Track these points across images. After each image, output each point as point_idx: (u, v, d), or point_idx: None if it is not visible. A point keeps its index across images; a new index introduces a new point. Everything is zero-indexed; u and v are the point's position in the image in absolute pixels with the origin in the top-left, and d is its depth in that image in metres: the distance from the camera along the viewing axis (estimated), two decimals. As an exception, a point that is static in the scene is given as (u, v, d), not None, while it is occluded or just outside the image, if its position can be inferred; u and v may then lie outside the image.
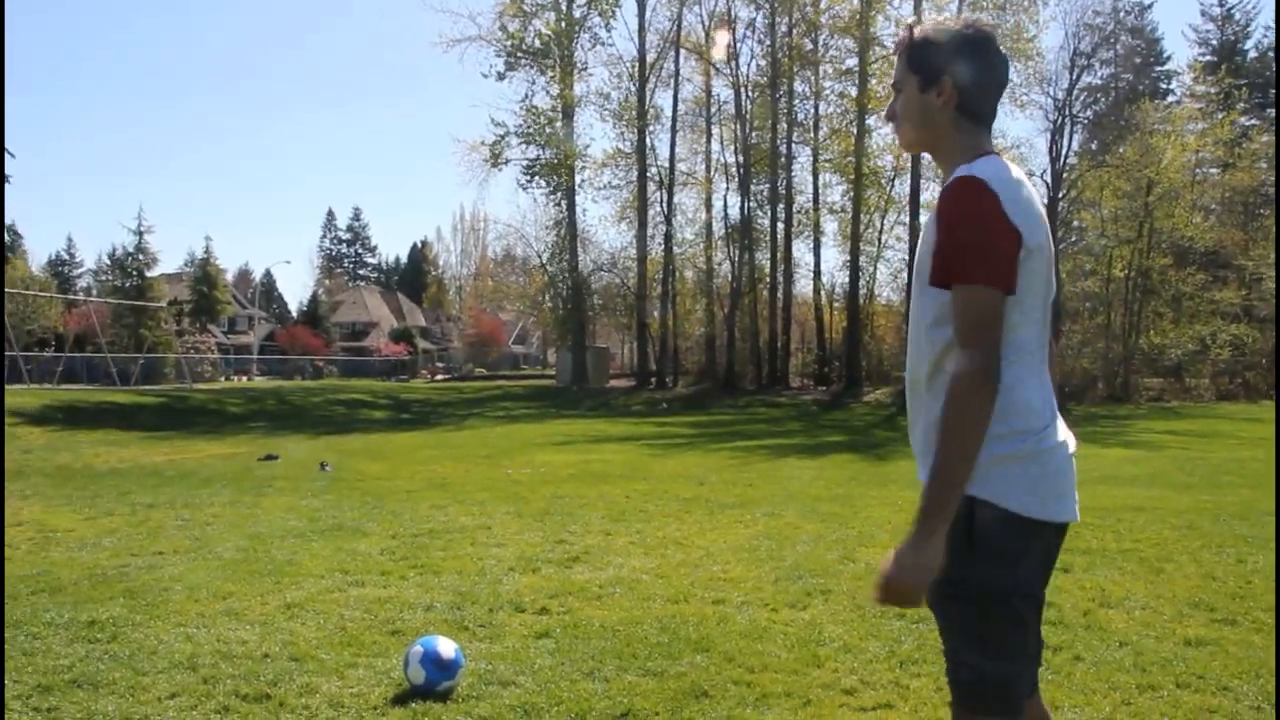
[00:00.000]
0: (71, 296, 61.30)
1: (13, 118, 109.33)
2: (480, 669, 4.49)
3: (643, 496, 10.35)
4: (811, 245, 45.03)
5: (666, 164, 44.17)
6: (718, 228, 45.04)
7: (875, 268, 43.58)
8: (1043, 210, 2.20)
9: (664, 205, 44.35)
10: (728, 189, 44.69)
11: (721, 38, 41.68)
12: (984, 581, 2.13)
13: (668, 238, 44.39)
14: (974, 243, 2.05)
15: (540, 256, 47.55)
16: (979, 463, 2.03)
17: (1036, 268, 2.12)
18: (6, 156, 60.85)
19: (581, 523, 8.56)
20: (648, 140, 43.84)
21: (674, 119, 43.98)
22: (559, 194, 43.60)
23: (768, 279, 44.35)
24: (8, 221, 79.65)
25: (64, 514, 9.39)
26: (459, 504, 9.71)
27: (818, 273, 45.39)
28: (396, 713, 4.01)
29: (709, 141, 45.30)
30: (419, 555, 7.06)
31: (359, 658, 4.68)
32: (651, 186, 43.96)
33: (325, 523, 8.58)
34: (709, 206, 45.25)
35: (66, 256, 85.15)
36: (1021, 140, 54.36)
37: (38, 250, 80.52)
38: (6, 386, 31.51)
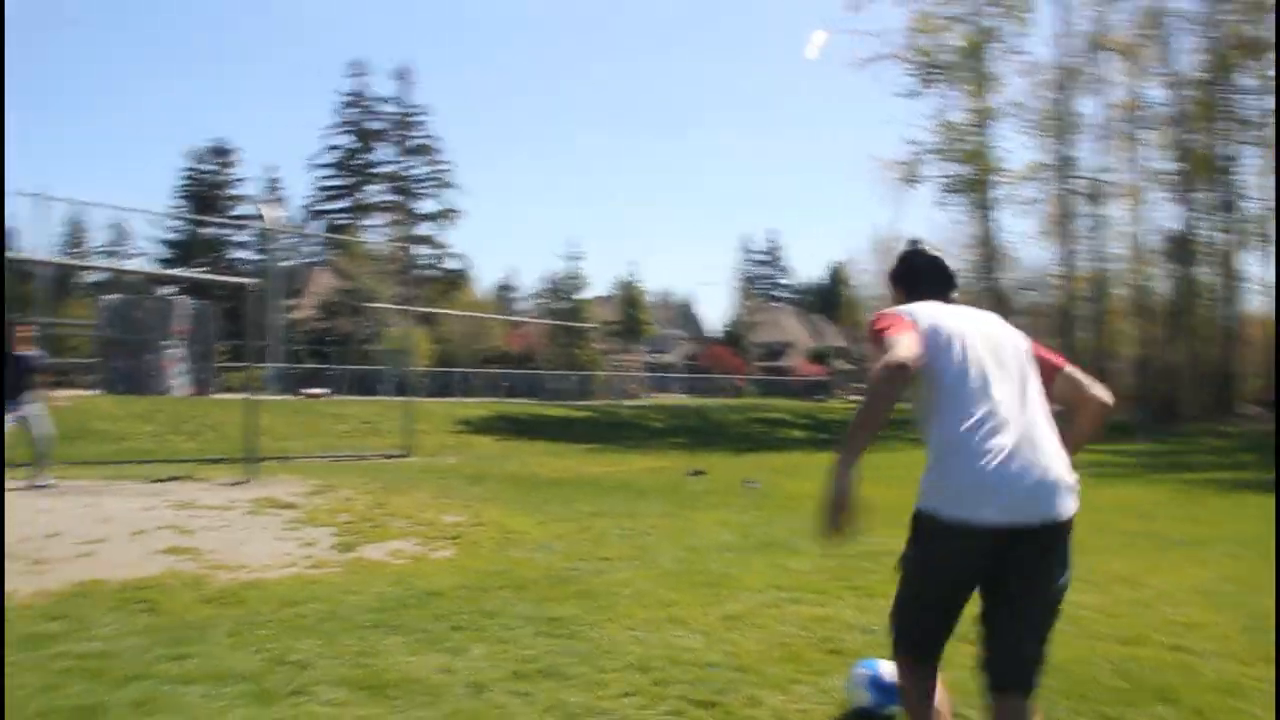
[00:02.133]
0: (513, 318, 66.83)
1: (466, 163, 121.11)
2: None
3: (1081, 528, 9.78)
4: (1262, 257, 40.67)
5: (1092, 174, 41.69)
6: (1151, 241, 41.92)
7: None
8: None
9: (1090, 218, 41.86)
10: (1162, 198, 41.46)
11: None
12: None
13: (1095, 253, 41.87)
14: None
15: (960, 274, 46.29)
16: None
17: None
18: (456, 191, 66.81)
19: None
20: (1070, 150, 41.60)
21: (1098, 126, 41.48)
22: (977, 210, 42.36)
23: (1210, 295, 40.65)
24: (463, 251, 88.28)
25: (519, 517, 10.27)
26: (888, 527, 9.58)
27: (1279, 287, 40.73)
28: (841, 732, 4.06)
29: (1139, 148, 42.28)
30: (854, 576, 7.08)
31: (801, 674, 4.77)
32: (1076, 199, 41.63)
33: (757, 538, 8.82)
34: (1140, 219, 42.21)
35: (510, 282, 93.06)
36: None
37: (486, 277, 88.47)
38: (461, 399, 34.91)
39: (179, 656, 4.84)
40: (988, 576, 3.12)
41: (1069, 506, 3.07)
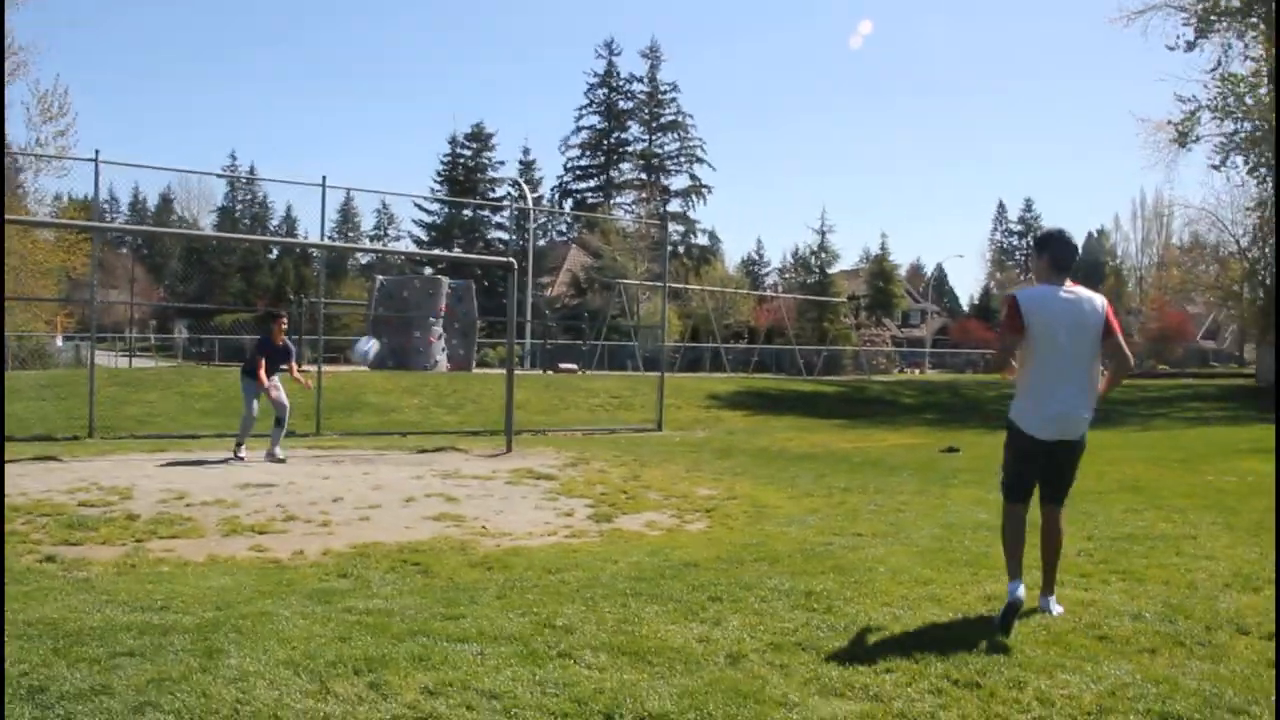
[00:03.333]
0: (762, 293, 66.86)
1: (711, 138, 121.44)
2: (1204, 690, 4.19)
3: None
4: None
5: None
6: None
7: None
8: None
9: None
10: None
11: None
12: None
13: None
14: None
15: (1239, 242, 43.17)
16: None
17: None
18: (705, 166, 67.32)
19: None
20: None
21: None
22: (1262, 171, 39.16)
23: None
24: (709, 226, 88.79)
25: (769, 491, 10.30)
26: (1156, 509, 9.12)
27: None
28: (1110, 719, 3.89)
29: None
30: (1119, 560, 6.74)
31: (1066, 659, 4.59)
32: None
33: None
34: None
35: (757, 257, 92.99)
36: None
37: (733, 251, 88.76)
38: (710, 374, 35.18)
39: (453, 616, 5.12)
40: (1043, 460, 5.44)
41: (1079, 433, 5.42)
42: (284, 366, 12.76)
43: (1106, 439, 19.16)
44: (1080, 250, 5.59)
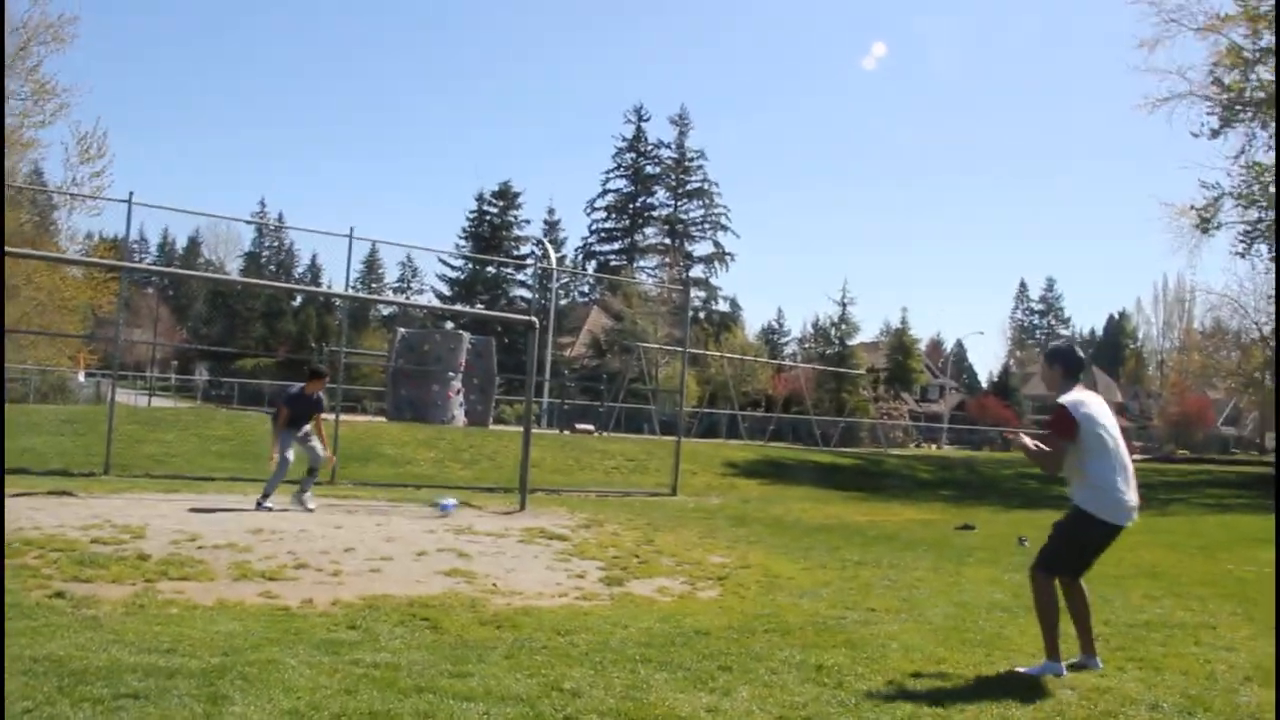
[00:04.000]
0: (781, 362, 66.87)
1: (736, 206, 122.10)
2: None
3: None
4: None
5: None
6: None
7: None
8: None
9: None
10: None
11: None
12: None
13: None
14: None
15: (1260, 329, 43.02)
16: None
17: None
18: (730, 236, 67.65)
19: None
20: None
21: None
22: (1286, 257, 39.05)
23: None
24: (731, 293, 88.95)
25: (783, 561, 10.21)
26: (1174, 596, 8.99)
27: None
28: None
29: None
30: (1136, 647, 6.64)
31: (1084, 748, 4.51)
32: None
33: (1030, 599, 8.39)
34: None
35: (776, 325, 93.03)
36: None
37: (752, 320, 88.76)
38: (726, 441, 35.10)
39: (460, 674, 5.07)
40: (1107, 545, 6.04)
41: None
42: (313, 419, 12.76)
43: (1124, 524, 18.93)
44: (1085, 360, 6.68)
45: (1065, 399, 5.99)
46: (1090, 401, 6.02)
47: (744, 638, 6.39)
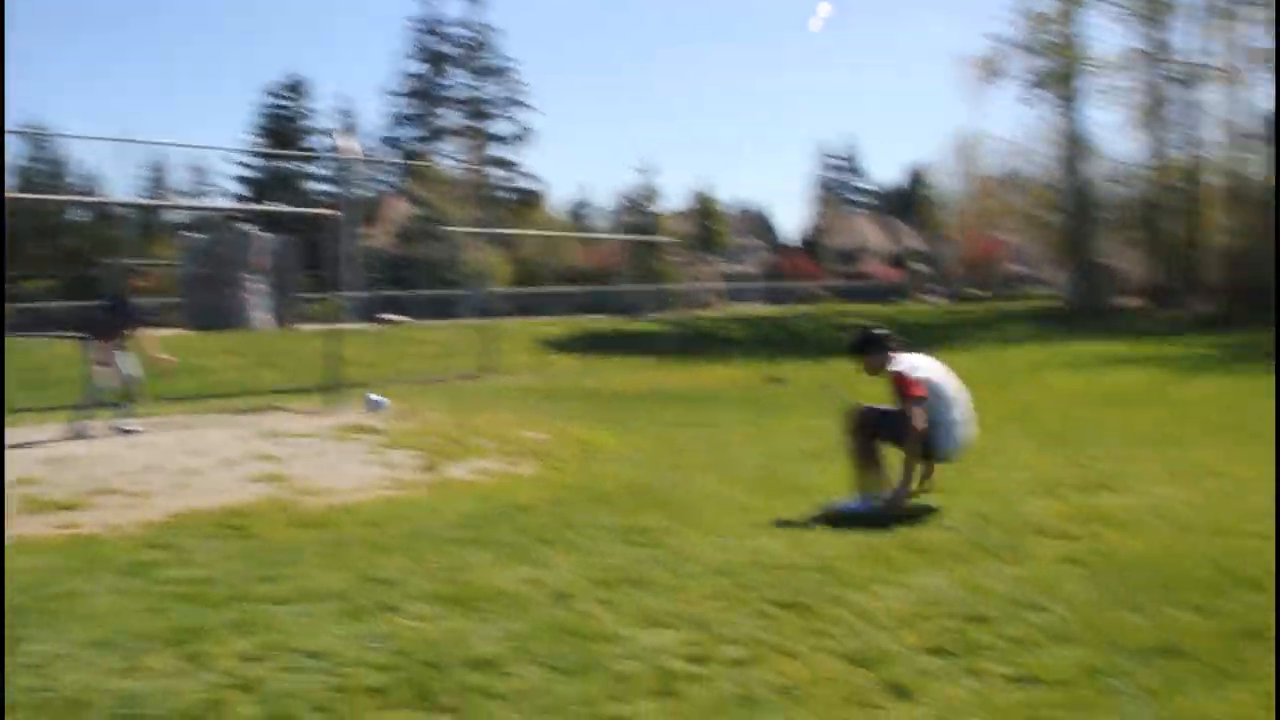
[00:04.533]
0: (590, 235, 66.75)
1: (538, 79, 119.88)
2: (1007, 592, 4.41)
3: (1165, 421, 9.60)
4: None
5: (1186, 58, 39.82)
6: (1249, 125, 40.09)
7: None
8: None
9: (1183, 105, 40.12)
10: (1262, 79, 39.49)
11: None
12: None
13: (1187, 141, 40.23)
14: None
15: (1042, 171, 45.08)
16: None
17: None
18: (529, 111, 66.87)
19: (1101, 447, 8.10)
20: (1163, 33, 39.76)
21: (1194, 5, 39.51)
22: (1064, 104, 40.92)
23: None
24: (535, 170, 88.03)
25: (600, 432, 10.35)
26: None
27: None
28: (925, 626, 4.05)
29: (1237, 27, 40.18)
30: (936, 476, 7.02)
31: (885, 572, 4.77)
32: (1168, 85, 39.90)
33: (836, 442, 8.77)
34: (1238, 102, 40.28)
35: (585, 200, 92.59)
36: None
37: (561, 195, 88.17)
38: (540, 318, 35.12)
39: (273, 578, 4.99)
40: None
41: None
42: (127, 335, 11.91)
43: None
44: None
45: (896, 368, 6.35)
46: (921, 361, 6.54)
47: (562, 509, 6.48)
